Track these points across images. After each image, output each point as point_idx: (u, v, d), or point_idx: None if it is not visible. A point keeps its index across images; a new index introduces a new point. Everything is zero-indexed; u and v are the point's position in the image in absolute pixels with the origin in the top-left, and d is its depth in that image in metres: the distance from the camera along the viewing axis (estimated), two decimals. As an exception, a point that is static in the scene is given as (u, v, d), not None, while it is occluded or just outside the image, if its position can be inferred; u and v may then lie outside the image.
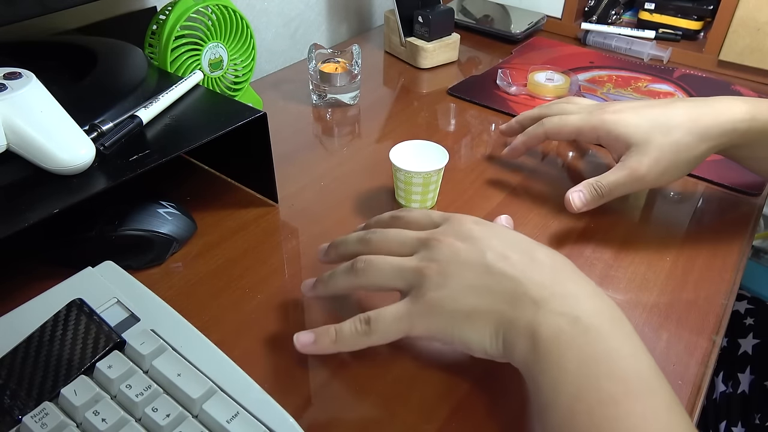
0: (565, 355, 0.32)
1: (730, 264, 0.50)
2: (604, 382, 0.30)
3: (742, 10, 0.79)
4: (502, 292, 0.35)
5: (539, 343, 0.33)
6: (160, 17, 0.59)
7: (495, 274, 0.36)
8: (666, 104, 0.51)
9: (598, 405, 0.30)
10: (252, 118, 0.48)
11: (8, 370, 0.34)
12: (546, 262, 0.37)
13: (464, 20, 0.96)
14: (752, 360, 0.73)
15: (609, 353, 0.31)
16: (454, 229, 0.39)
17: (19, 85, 0.40)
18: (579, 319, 0.33)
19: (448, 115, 0.73)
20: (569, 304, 0.34)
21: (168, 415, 0.32)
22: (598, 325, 0.33)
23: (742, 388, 0.71)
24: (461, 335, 0.36)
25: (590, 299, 0.34)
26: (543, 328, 0.33)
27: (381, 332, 0.37)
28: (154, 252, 0.48)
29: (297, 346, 0.38)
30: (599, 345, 0.32)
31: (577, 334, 0.32)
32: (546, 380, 0.32)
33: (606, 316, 0.33)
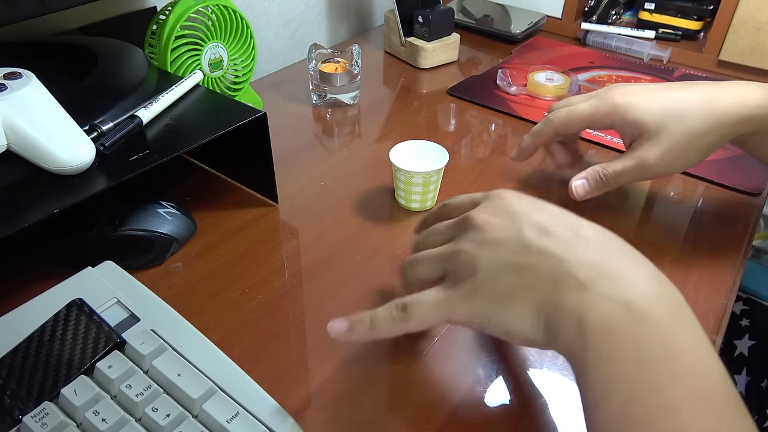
0: (619, 348, 0.28)
1: (730, 264, 0.50)
2: (666, 384, 0.26)
3: (742, 10, 0.79)
4: (542, 272, 0.32)
5: (588, 331, 0.29)
6: (160, 17, 0.59)
7: (534, 252, 0.32)
8: (680, 88, 0.48)
9: (659, 412, 0.26)
10: (252, 118, 0.48)
11: (8, 370, 0.34)
12: (593, 238, 0.32)
13: (464, 20, 0.96)
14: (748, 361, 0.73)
15: (670, 350, 0.27)
16: (491, 205, 0.36)
17: (19, 85, 0.40)
18: (634, 305, 0.28)
19: (448, 115, 0.73)
20: (622, 287, 0.29)
21: (168, 415, 0.32)
22: (658, 315, 0.28)
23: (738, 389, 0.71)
24: (500, 320, 0.33)
25: (647, 282, 0.30)
26: (592, 314, 0.29)
27: (418, 318, 0.34)
28: (154, 252, 0.48)
29: (331, 335, 0.36)
30: (659, 339, 0.27)
31: (632, 324, 0.28)
32: (596, 375, 0.28)
33: (666, 304, 0.29)
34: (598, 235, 0.33)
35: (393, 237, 0.52)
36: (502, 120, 0.71)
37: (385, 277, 0.48)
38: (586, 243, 0.32)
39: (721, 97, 0.46)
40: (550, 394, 0.39)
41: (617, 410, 0.27)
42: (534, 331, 0.32)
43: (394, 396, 0.39)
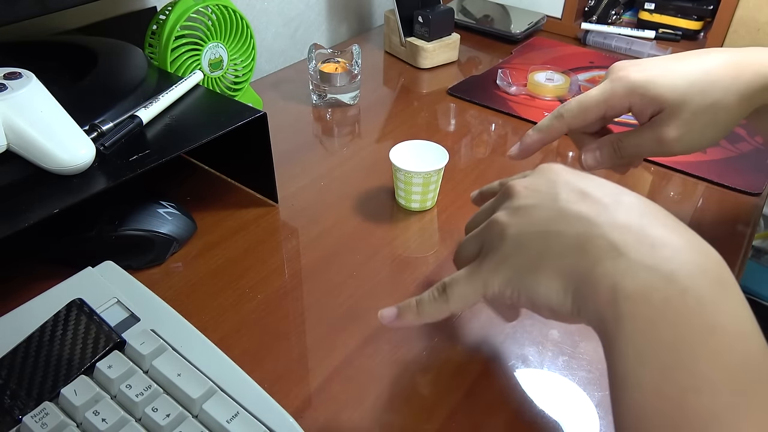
0: (656, 322, 0.25)
1: (730, 264, 0.50)
2: (703, 364, 0.24)
3: (742, 10, 0.79)
4: (572, 236, 0.29)
5: (623, 300, 0.26)
6: (160, 17, 0.59)
7: (568, 216, 0.30)
8: (701, 56, 0.43)
9: (692, 392, 0.24)
10: (252, 118, 0.49)
11: (8, 370, 0.34)
12: (634, 204, 0.30)
13: (464, 20, 0.96)
14: None
15: (713, 327, 0.25)
16: (535, 174, 0.34)
17: (19, 85, 0.40)
18: (674, 276, 0.26)
19: (448, 115, 0.73)
20: (663, 255, 0.27)
21: (168, 415, 0.32)
22: (700, 288, 0.26)
23: None
24: (527, 290, 0.31)
25: (690, 251, 0.27)
26: (628, 281, 0.27)
27: (457, 296, 0.33)
28: (154, 252, 0.48)
29: (383, 322, 0.36)
30: (699, 315, 0.25)
31: (672, 296, 0.26)
32: (628, 348, 0.26)
33: (711, 276, 0.26)
34: (641, 202, 0.30)
35: (393, 237, 0.52)
36: (502, 120, 0.71)
37: (385, 277, 0.48)
38: (624, 207, 0.30)
39: (746, 63, 0.41)
40: (551, 394, 0.39)
41: (652, 388, 0.25)
42: (561, 301, 0.30)
43: (394, 396, 0.39)
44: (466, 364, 0.40)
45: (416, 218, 0.55)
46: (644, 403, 0.25)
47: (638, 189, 0.59)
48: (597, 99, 0.43)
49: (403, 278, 0.48)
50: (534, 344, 0.42)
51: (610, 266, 0.27)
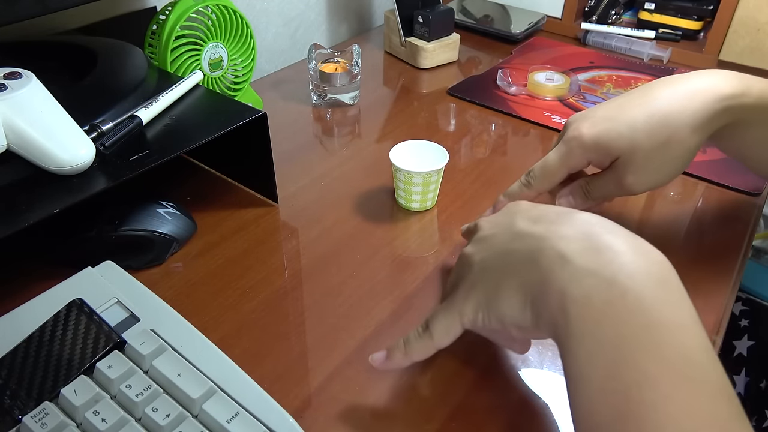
0: (599, 323, 0.27)
1: (730, 264, 0.50)
2: (643, 359, 0.26)
3: (742, 10, 0.79)
4: (526, 252, 0.32)
5: (570, 304, 0.28)
6: (160, 17, 0.59)
7: (522, 236, 0.33)
8: (645, 97, 0.44)
9: (634, 386, 0.26)
10: (252, 118, 0.48)
11: (8, 370, 0.34)
12: (582, 218, 0.32)
13: (464, 20, 0.96)
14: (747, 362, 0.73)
15: (651, 325, 0.27)
16: (500, 211, 0.38)
17: (19, 85, 0.40)
18: (615, 279, 0.28)
19: (448, 115, 0.73)
20: (604, 260, 0.29)
21: (168, 415, 0.32)
22: (640, 289, 0.28)
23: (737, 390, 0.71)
24: (494, 310, 0.33)
25: (632, 255, 0.29)
26: (573, 288, 0.29)
27: (439, 330, 0.35)
28: (154, 252, 0.48)
29: (374, 365, 0.37)
30: (640, 315, 0.27)
31: (612, 298, 0.28)
32: (577, 349, 0.28)
33: (652, 276, 0.28)
34: (590, 216, 0.32)
35: (393, 237, 0.52)
36: (502, 120, 0.71)
37: (385, 277, 0.48)
38: (572, 221, 0.32)
39: (695, 92, 0.42)
40: (551, 394, 0.39)
41: (598, 384, 0.27)
42: (523, 314, 0.32)
43: (394, 396, 0.39)
44: (467, 364, 0.40)
45: (416, 218, 0.55)
46: (593, 399, 0.27)
47: (638, 189, 0.59)
48: (557, 164, 0.45)
49: (403, 278, 0.48)
50: (534, 345, 0.42)
51: (559, 274, 0.29)
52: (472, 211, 0.55)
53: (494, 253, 0.34)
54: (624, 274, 0.28)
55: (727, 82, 0.43)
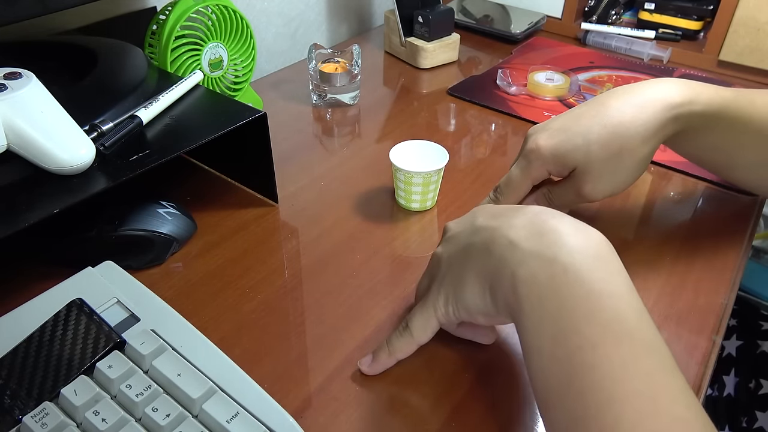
0: (545, 298, 0.31)
1: (730, 264, 0.50)
2: (583, 325, 0.29)
3: (742, 10, 0.79)
4: (481, 244, 0.35)
5: (518, 286, 0.32)
6: (160, 17, 0.59)
7: (479, 230, 0.36)
8: (598, 106, 0.45)
9: (577, 350, 0.29)
10: (252, 118, 0.48)
11: (8, 370, 0.34)
12: (531, 209, 0.35)
13: (464, 20, 0.96)
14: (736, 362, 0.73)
15: (589, 295, 0.30)
16: (471, 210, 0.40)
17: (19, 85, 0.40)
18: (557, 258, 0.31)
19: (448, 115, 0.73)
20: (547, 242, 0.32)
21: (168, 415, 0.32)
22: (579, 264, 0.31)
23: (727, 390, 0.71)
24: (460, 301, 0.36)
25: (572, 236, 0.32)
26: (521, 270, 0.32)
27: (417, 327, 0.38)
28: (154, 252, 0.48)
29: (363, 369, 0.40)
30: (579, 286, 0.30)
31: (555, 275, 0.31)
32: (528, 324, 0.31)
33: (590, 253, 0.31)
34: (541, 209, 0.35)
35: (393, 237, 0.52)
36: (502, 120, 0.71)
37: (385, 277, 0.48)
38: (523, 211, 0.35)
39: (647, 102, 0.44)
40: (550, 394, 0.39)
41: (546, 352, 0.30)
42: (484, 300, 0.34)
43: (394, 396, 0.39)
44: (466, 364, 0.40)
45: (416, 218, 0.55)
46: (544, 367, 0.30)
47: (639, 189, 0.59)
48: (520, 177, 0.47)
49: (403, 278, 0.48)
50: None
51: (509, 258, 0.32)
52: (472, 211, 0.55)
53: (458, 248, 0.37)
54: (564, 253, 0.31)
55: (677, 91, 0.45)
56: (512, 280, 0.32)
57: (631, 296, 0.30)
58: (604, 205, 0.56)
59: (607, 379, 0.27)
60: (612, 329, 0.29)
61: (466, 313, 0.36)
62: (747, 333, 0.74)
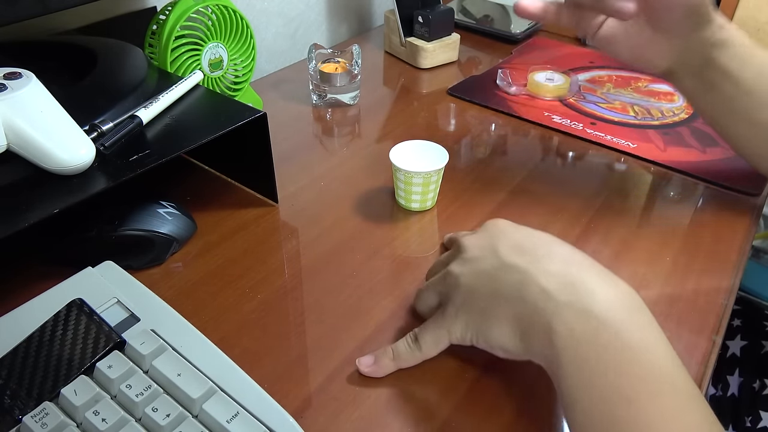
0: (582, 352, 0.31)
1: (730, 264, 0.50)
2: (621, 380, 0.30)
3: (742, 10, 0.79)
4: (512, 285, 0.34)
5: (555, 338, 0.32)
6: (160, 17, 0.59)
7: (505, 268, 0.35)
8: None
9: (616, 405, 0.29)
10: (252, 118, 0.48)
11: (8, 370, 0.34)
12: (558, 252, 0.35)
13: (464, 20, 0.96)
14: (741, 362, 0.73)
15: (624, 349, 0.30)
16: (480, 230, 0.40)
17: (19, 85, 0.40)
18: (592, 311, 0.31)
19: (448, 115, 0.73)
20: (581, 293, 0.32)
21: (168, 415, 0.32)
22: (614, 318, 0.31)
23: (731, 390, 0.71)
24: (484, 335, 0.36)
25: (605, 288, 0.33)
26: (556, 322, 0.32)
27: (428, 344, 0.38)
28: (154, 252, 0.48)
29: (360, 369, 0.39)
30: (615, 340, 0.31)
31: (591, 329, 0.31)
32: (566, 377, 0.31)
33: (624, 307, 0.32)
34: (566, 251, 0.36)
35: (393, 237, 0.52)
36: (502, 120, 0.71)
37: (385, 277, 0.48)
38: (552, 257, 0.35)
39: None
40: (551, 395, 0.39)
41: (586, 407, 0.30)
42: (513, 343, 0.35)
43: (394, 396, 0.39)
44: (466, 363, 0.40)
45: (416, 218, 0.55)
46: (584, 421, 0.31)
47: (639, 189, 0.59)
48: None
49: (403, 278, 0.48)
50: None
51: (543, 307, 0.33)
52: (472, 211, 0.56)
53: (481, 278, 0.36)
54: (598, 305, 0.32)
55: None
56: (548, 332, 0.32)
57: (664, 348, 0.31)
58: (604, 205, 0.56)
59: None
60: (650, 382, 0.30)
61: (487, 345, 0.36)
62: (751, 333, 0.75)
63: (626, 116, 0.71)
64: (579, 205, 0.56)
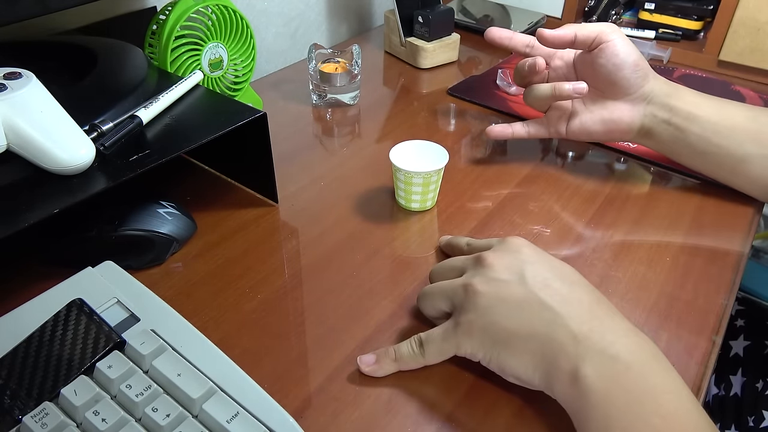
0: (611, 393, 0.32)
1: (730, 264, 0.50)
2: (653, 418, 0.31)
3: (742, 10, 0.79)
4: (540, 322, 0.35)
5: (582, 380, 0.33)
6: (160, 17, 0.59)
7: (534, 303, 0.36)
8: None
9: None
10: (252, 118, 0.48)
11: (8, 370, 0.34)
12: (585, 298, 0.37)
13: (464, 20, 0.96)
14: (744, 362, 0.73)
15: (653, 390, 0.32)
16: (503, 248, 0.40)
17: (19, 85, 0.40)
18: (620, 356, 0.33)
19: (448, 115, 0.73)
20: (609, 340, 0.34)
21: (168, 415, 0.32)
22: (640, 362, 0.33)
23: (734, 390, 0.71)
24: (499, 360, 0.36)
25: (629, 336, 0.35)
26: (585, 366, 0.33)
27: (432, 353, 0.38)
28: (154, 252, 0.48)
29: (361, 367, 0.40)
30: (643, 382, 0.33)
31: (620, 372, 0.33)
32: (595, 417, 0.33)
33: (646, 353, 0.34)
34: (589, 295, 0.37)
35: (393, 237, 0.52)
36: (502, 120, 0.71)
37: (385, 277, 0.48)
38: (579, 300, 0.36)
39: None
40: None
41: None
42: (530, 375, 0.36)
43: (394, 396, 0.39)
44: (467, 363, 0.40)
45: (416, 218, 0.55)
46: None
47: (639, 189, 0.59)
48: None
49: (403, 278, 0.48)
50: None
51: (572, 352, 0.34)
52: (472, 211, 0.56)
53: (507, 305, 0.36)
54: (626, 352, 0.34)
55: None
56: (575, 374, 0.33)
57: (686, 390, 0.33)
58: (604, 205, 0.56)
59: None
60: (679, 422, 0.31)
61: (499, 370, 0.37)
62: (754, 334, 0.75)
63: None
64: (579, 205, 0.56)
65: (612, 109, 0.56)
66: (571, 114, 0.58)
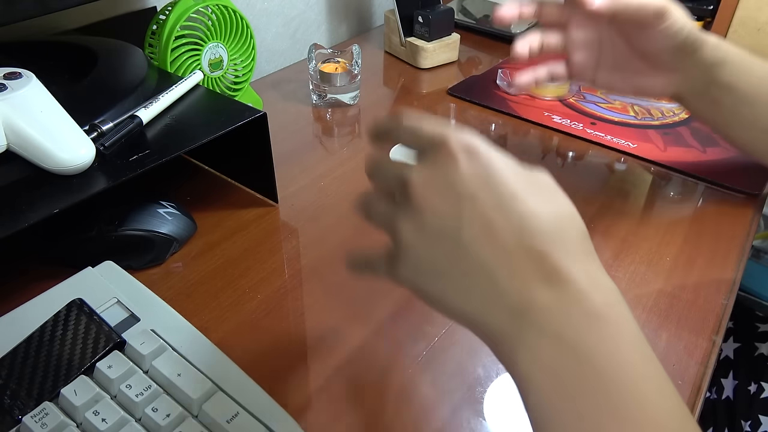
0: (552, 388, 0.25)
1: (730, 264, 0.50)
2: (608, 423, 0.24)
3: (742, 10, 0.79)
4: (476, 289, 0.28)
5: (519, 367, 0.26)
6: (160, 17, 0.59)
7: (469, 259, 0.28)
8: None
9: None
10: (252, 118, 0.48)
11: (8, 370, 0.34)
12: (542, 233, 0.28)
13: (464, 20, 0.96)
14: (735, 364, 0.73)
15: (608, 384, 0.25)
16: (437, 171, 0.30)
17: (19, 85, 0.40)
18: (562, 337, 0.25)
19: (448, 115, 0.73)
20: (554, 310, 0.26)
21: (168, 415, 0.32)
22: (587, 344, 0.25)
23: (726, 393, 0.70)
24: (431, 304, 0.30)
25: (585, 293, 0.26)
26: (521, 349, 0.26)
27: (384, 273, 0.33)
28: (154, 252, 0.48)
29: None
30: (594, 373, 0.25)
31: (562, 359, 0.25)
32: (537, 416, 0.26)
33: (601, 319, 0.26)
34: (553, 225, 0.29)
35: (393, 237, 0.52)
36: (502, 120, 0.71)
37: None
38: (531, 244, 0.27)
39: None
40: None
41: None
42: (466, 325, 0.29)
43: (393, 396, 0.39)
44: (466, 363, 0.40)
45: (416, 218, 0.55)
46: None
47: (639, 189, 0.59)
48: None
49: (403, 278, 0.48)
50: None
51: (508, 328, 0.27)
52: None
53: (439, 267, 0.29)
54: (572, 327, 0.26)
55: None
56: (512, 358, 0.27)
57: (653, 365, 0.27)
58: (604, 205, 0.56)
59: None
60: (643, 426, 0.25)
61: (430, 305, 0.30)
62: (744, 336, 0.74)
63: (626, 116, 0.71)
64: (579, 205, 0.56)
65: (646, 78, 0.52)
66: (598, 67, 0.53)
